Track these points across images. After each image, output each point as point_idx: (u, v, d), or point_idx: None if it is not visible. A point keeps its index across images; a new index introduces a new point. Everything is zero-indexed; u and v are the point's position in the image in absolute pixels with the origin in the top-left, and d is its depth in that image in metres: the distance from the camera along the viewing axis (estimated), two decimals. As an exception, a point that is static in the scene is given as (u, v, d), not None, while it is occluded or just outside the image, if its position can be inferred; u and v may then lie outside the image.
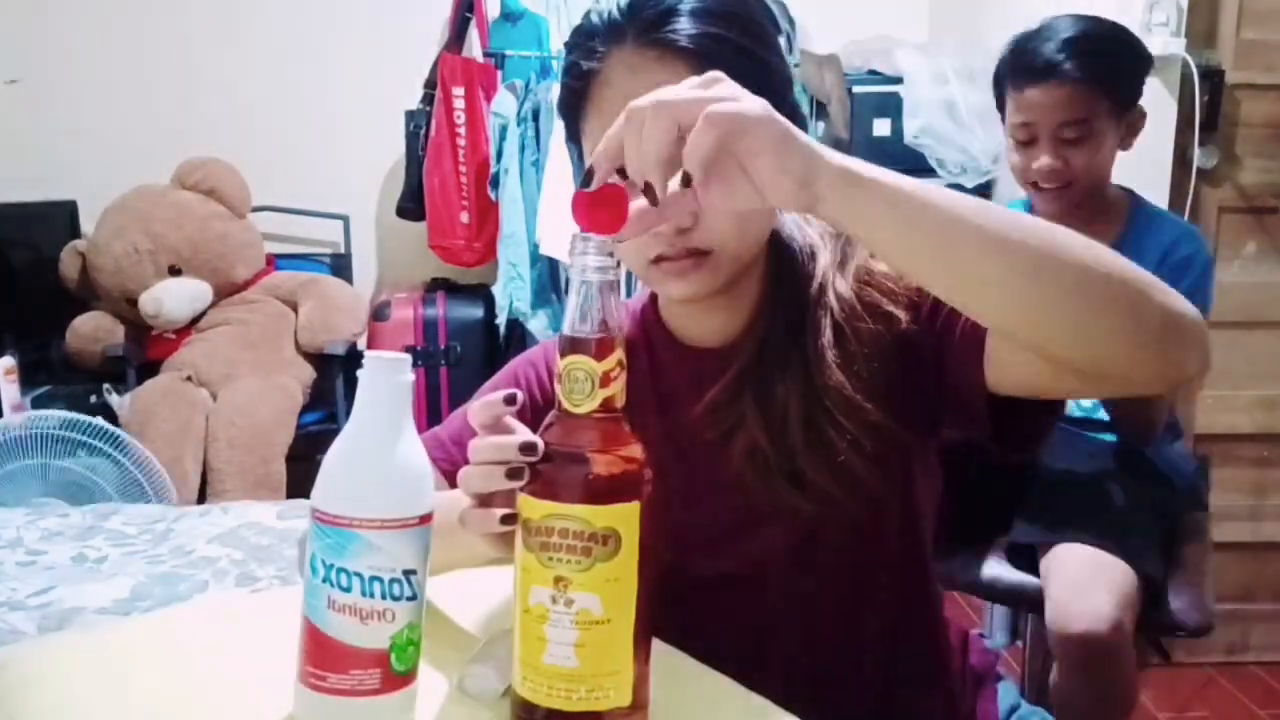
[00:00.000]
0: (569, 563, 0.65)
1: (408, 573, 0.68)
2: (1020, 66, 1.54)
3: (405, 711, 0.70)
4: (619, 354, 0.67)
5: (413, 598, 0.68)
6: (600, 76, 0.85)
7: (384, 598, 0.67)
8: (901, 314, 0.88)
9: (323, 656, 0.67)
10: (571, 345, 0.67)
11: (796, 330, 0.89)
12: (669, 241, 0.83)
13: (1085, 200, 1.58)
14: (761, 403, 0.88)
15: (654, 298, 0.99)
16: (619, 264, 0.67)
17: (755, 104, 0.64)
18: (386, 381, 0.68)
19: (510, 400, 0.69)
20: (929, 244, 0.68)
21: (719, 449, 0.90)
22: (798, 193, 0.65)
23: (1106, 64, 1.54)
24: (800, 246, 0.93)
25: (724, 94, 0.65)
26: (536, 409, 0.96)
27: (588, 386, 0.66)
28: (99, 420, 2.26)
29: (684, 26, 0.82)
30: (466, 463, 0.71)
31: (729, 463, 0.89)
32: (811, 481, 0.87)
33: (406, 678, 0.69)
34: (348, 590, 0.66)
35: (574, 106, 0.88)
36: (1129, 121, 1.57)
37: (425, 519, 0.69)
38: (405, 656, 0.68)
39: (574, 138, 0.91)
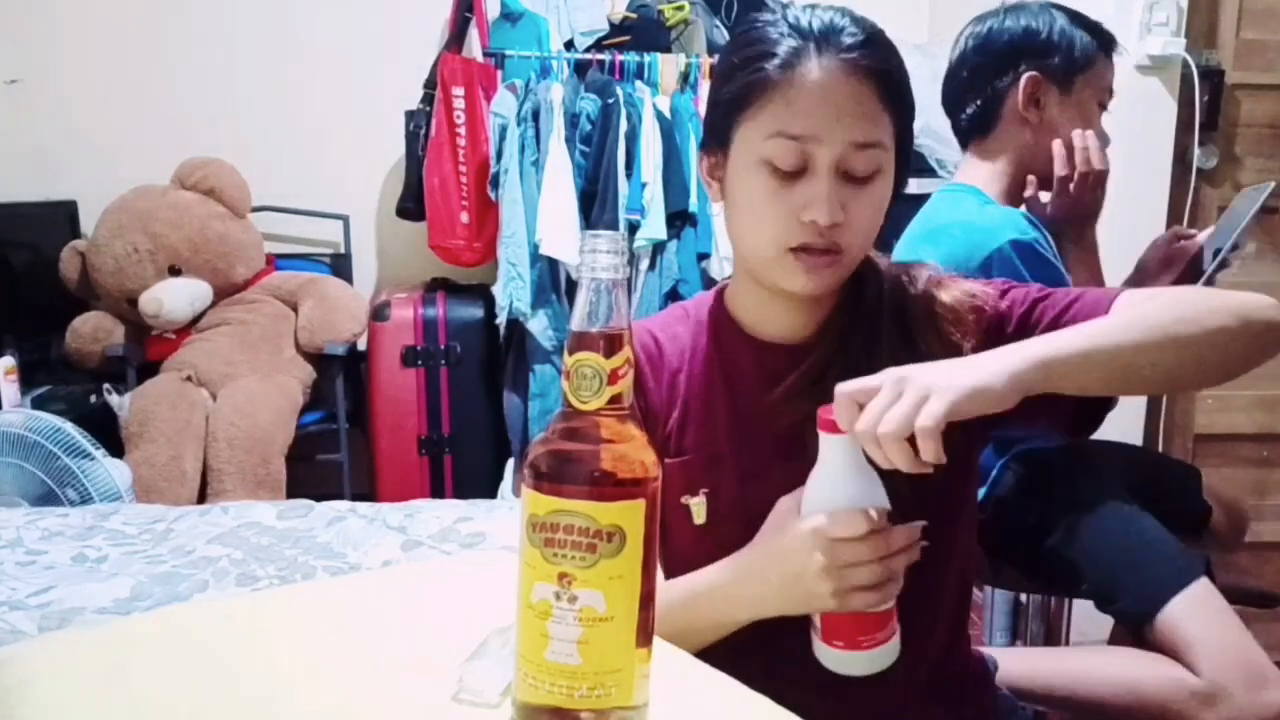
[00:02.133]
0: (573, 559, 0.65)
1: None
2: (1109, 38, 1.52)
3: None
4: (627, 351, 0.67)
5: None
6: (799, 69, 0.93)
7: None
8: (967, 344, 0.97)
9: (866, 624, 0.85)
10: (580, 342, 0.67)
11: (874, 338, 0.97)
12: (819, 232, 0.93)
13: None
14: None
15: (720, 295, 1.06)
16: (627, 262, 0.68)
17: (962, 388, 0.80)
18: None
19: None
20: (1102, 378, 0.86)
21: (791, 437, 0.94)
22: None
23: None
24: (880, 266, 1.03)
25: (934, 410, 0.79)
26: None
27: (596, 383, 0.66)
28: (71, 432, 2.20)
29: (876, 57, 0.95)
30: None
31: (800, 451, 0.92)
32: (882, 475, 0.92)
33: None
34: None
35: (757, 91, 0.95)
36: None
37: None
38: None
39: (732, 117, 0.97)
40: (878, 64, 0.94)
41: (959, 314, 0.98)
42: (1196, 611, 1.34)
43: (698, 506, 1.00)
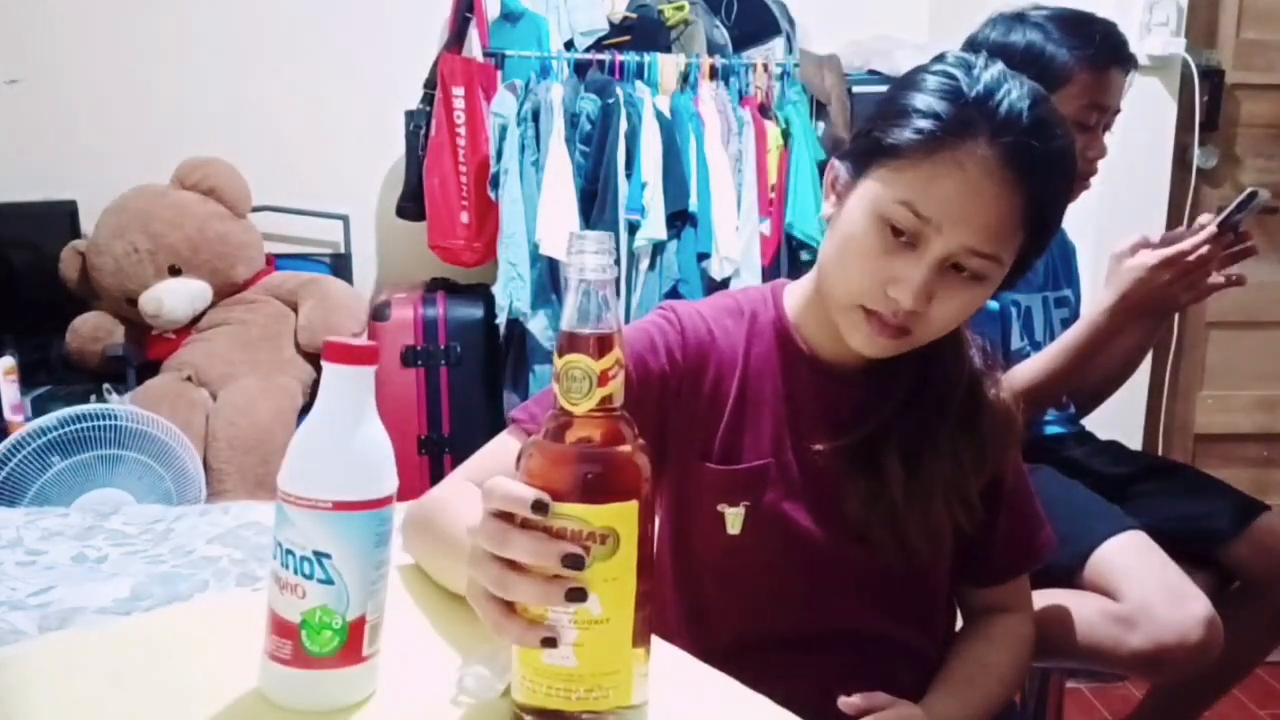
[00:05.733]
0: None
1: (319, 554, 0.69)
2: (1109, 45, 1.49)
3: (315, 694, 0.71)
4: (617, 353, 0.67)
5: (326, 582, 0.69)
6: (959, 150, 0.87)
7: (296, 573, 0.69)
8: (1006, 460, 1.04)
9: (269, 617, 0.72)
10: (570, 343, 0.67)
11: (940, 416, 0.98)
12: (895, 310, 0.90)
13: None
14: (908, 462, 0.96)
15: (779, 301, 1.04)
16: (617, 262, 0.67)
17: None
18: (333, 371, 0.72)
19: (540, 508, 0.64)
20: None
21: (834, 477, 0.98)
22: None
23: None
24: (964, 347, 1.01)
25: None
26: (665, 377, 0.99)
27: (586, 385, 0.66)
28: (136, 410, 2.27)
29: (1040, 176, 0.88)
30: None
31: (837, 492, 0.98)
32: (912, 540, 0.98)
33: (321, 661, 0.70)
34: (275, 557, 0.71)
35: (908, 148, 0.89)
36: None
37: (344, 506, 0.70)
38: (319, 639, 0.70)
39: (876, 155, 0.92)
40: (1037, 182, 0.88)
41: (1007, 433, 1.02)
42: (1122, 551, 1.38)
43: (734, 517, 0.99)
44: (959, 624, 1.14)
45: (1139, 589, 1.33)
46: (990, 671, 1.05)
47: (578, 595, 0.63)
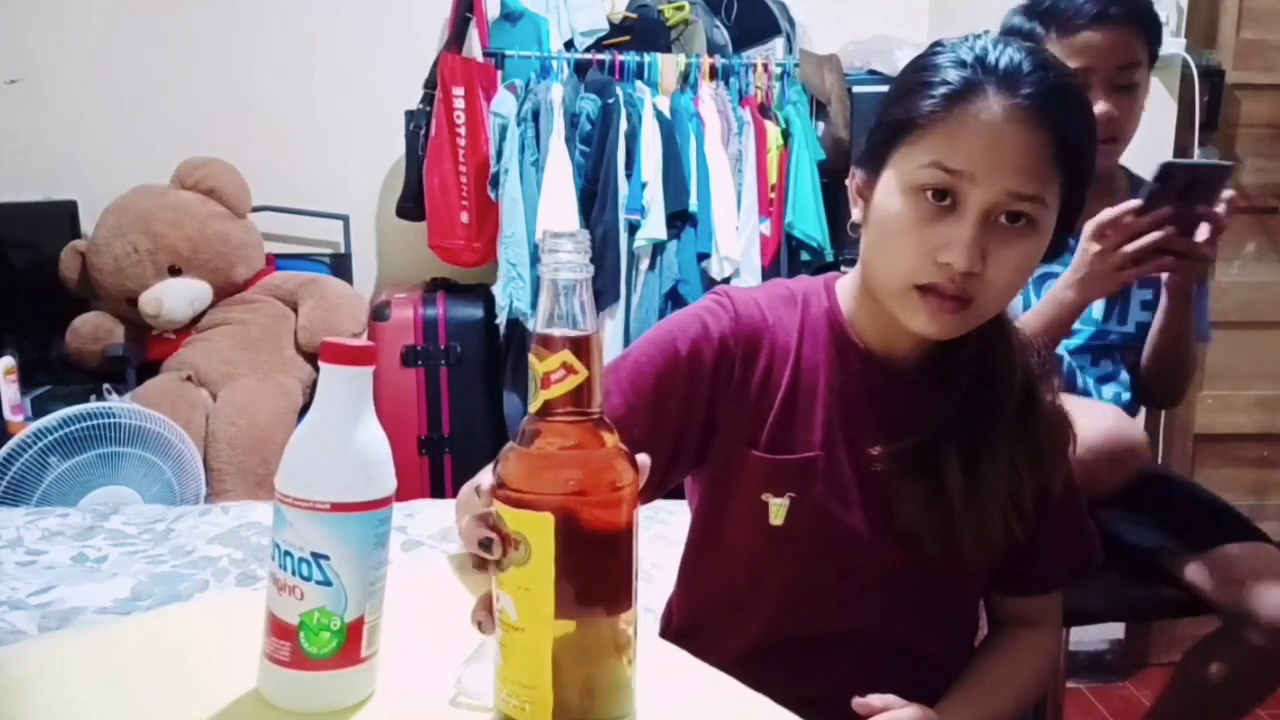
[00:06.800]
0: (495, 556, 0.66)
1: (317, 556, 0.69)
2: (1070, 10, 1.49)
3: (313, 696, 0.71)
4: (563, 356, 0.65)
5: (325, 583, 0.69)
6: (972, 104, 0.88)
7: (294, 574, 0.70)
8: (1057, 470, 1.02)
9: (267, 619, 0.72)
10: (535, 340, 0.66)
11: (996, 420, 0.96)
12: (951, 276, 0.88)
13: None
14: (967, 467, 0.95)
15: (832, 293, 1.03)
16: (590, 262, 0.66)
17: None
18: (330, 372, 0.72)
19: (479, 491, 0.69)
20: None
21: (887, 478, 0.97)
22: None
23: (1146, 7, 1.54)
24: (1014, 344, 1.00)
25: None
26: (718, 363, 0.98)
27: (533, 386, 0.66)
28: (135, 407, 2.27)
29: (1057, 111, 0.89)
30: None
31: (889, 493, 0.97)
32: (965, 548, 0.97)
33: (320, 662, 0.70)
34: (273, 559, 0.71)
35: (923, 117, 0.90)
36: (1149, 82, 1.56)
37: (342, 507, 0.69)
38: (317, 641, 0.70)
39: (894, 139, 0.93)
40: (1056, 119, 0.88)
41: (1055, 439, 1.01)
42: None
43: (779, 507, 0.97)
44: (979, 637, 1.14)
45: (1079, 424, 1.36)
46: (1009, 684, 1.05)
47: (479, 566, 0.66)
